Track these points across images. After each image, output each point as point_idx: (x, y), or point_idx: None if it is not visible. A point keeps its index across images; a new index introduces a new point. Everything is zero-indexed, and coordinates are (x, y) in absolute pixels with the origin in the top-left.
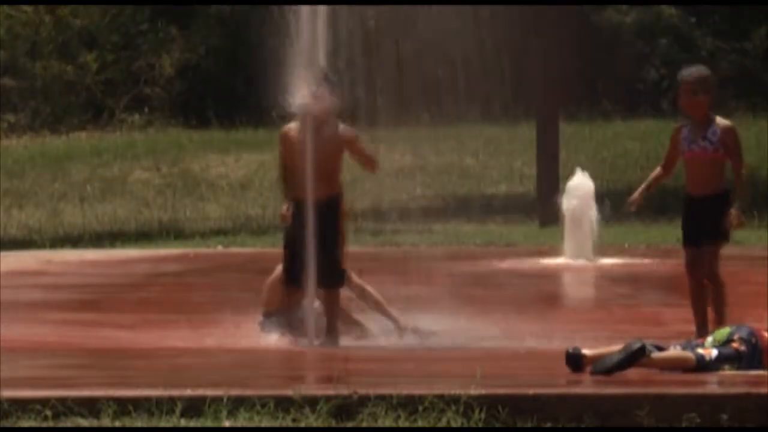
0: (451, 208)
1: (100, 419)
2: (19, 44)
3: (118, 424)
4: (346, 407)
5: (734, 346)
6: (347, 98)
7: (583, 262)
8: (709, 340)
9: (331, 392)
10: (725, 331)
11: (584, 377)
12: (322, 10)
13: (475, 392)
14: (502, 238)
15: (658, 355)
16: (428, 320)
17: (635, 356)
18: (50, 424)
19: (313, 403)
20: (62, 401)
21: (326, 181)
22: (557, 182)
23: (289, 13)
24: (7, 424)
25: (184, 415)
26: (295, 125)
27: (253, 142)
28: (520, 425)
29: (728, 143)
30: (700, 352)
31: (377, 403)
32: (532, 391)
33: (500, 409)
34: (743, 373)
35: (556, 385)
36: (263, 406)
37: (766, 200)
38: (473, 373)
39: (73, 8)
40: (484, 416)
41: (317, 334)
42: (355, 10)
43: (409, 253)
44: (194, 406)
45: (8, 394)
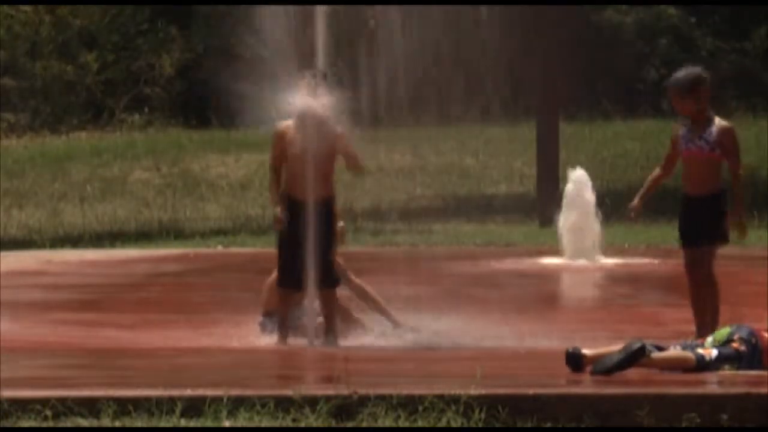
0: (451, 208)
1: (100, 419)
2: (19, 44)
3: (118, 424)
4: (346, 407)
5: (734, 346)
6: (347, 98)
7: (583, 262)
8: (709, 340)
9: (331, 392)
10: (725, 331)
11: (584, 377)
12: (322, 10)
13: (475, 392)
14: (502, 238)
15: (658, 355)
16: (428, 320)
17: (635, 356)
18: (50, 424)
19: (313, 403)
20: (62, 401)
21: (322, 181)
22: (557, 182)
23: (289, 13)
24: (7, 424)
25: (184, 415)
26: (292, 123)
27: (253, 142)
28: (520, 425)
29: (725, 144)
30: (700, 352)
31: (377, 403)
32: (532, 391)
33: (500, 409)
34: (743, 373)
35: (556, 385)
36: (263, 406)
37: (766, 200)
38: (473, 373)
39: (73, 8)
40: (484, 416)
41: (317, 334)
42: (355, 10)
43: (409, 253)
44: (194, 406)
45: (8, 394)
